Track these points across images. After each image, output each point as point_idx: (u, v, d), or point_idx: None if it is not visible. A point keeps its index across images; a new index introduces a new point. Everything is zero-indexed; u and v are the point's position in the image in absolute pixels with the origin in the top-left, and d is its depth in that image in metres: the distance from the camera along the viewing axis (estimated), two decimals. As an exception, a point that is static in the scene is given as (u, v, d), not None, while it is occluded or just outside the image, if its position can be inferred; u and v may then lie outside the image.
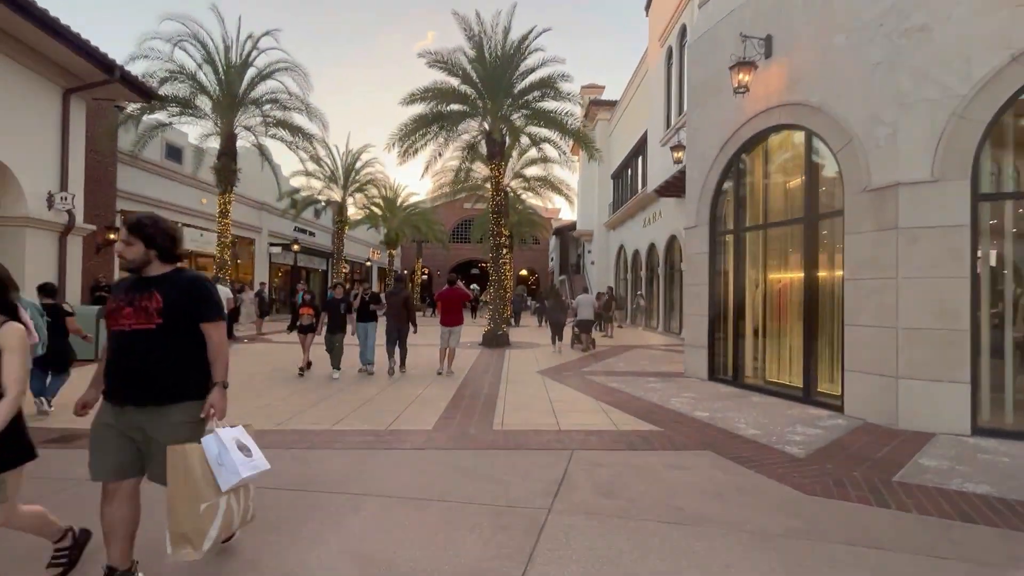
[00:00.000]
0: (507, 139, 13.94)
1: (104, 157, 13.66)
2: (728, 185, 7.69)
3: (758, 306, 7.35)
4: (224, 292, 11.03)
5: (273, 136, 14.63)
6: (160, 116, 13.09)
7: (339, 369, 8.18)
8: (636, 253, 22.89)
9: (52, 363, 5.40)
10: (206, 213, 18.25)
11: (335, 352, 8.26)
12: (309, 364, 8.53)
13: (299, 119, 14.13)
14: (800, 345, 6.52)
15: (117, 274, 14.42)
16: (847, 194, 5.62)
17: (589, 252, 31.63)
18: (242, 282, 20.50)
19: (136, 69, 11.44)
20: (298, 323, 8.69)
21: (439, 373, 8.37)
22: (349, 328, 8.54)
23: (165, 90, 11.98)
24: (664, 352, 11.92)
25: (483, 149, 18.18)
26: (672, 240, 17.92)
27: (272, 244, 23.03)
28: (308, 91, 14.06)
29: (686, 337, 8.51)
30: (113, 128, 12.14)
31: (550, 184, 21.79)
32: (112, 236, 13.74)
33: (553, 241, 42.41)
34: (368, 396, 6.61)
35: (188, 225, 17.40)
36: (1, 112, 7.81)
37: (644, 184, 20.82)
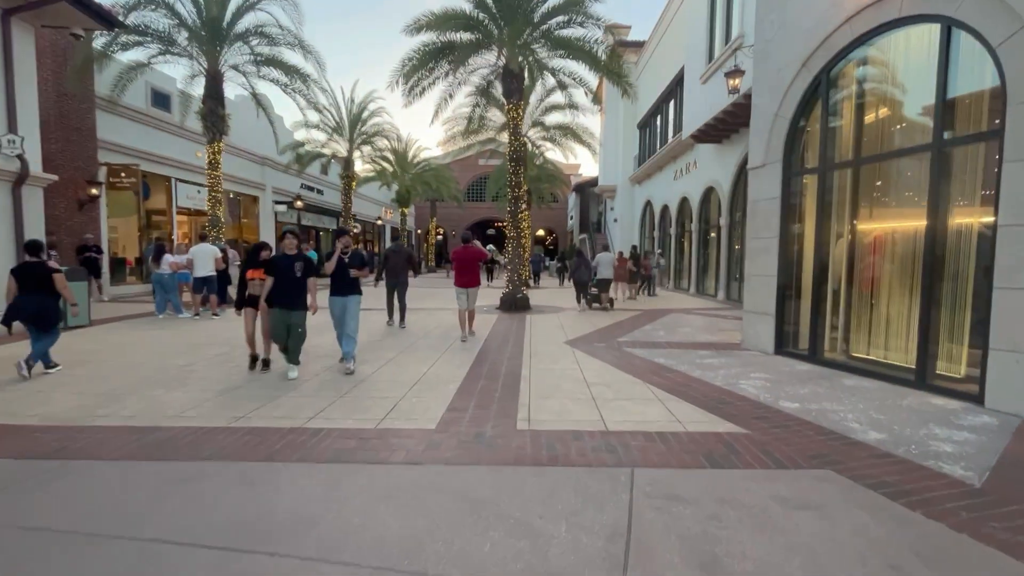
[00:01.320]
0: (526, 75, 12.17)
1: (81, 103, 12.35)
2: (812, 111, 6.05)
3: (846, 264, 5.85)
4: (211, 250, 9.85)
5: (265, 78, 13.07)
6: (137, 55, 11.65)
7: (297, 364, 5.43)
8: (665, 209, 21.12)
9: (37, 322, 5.19)
10: (202, 168, 16.97)
11: (292, 338, 5.35)
12: (263, 361, 5.70)
13: (293, 57, 12.51)
14: (907, 313, 5.08)
15: (105, 233, 13.39)
16: (1010, 106, 4.02)
17: (612, 209, 29.80)
18: (234, 240, 19.43)
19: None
20: (246, 293, 5.71)
21: (463, 340, 7.60)
22: (311, 301, 5.50)
23: (134, 19, 10.46)
24: (705, 317, 10.51)
25: (497, 92, 16.52)
26: (709, 193, 16.15)
27: (277, 202, 21.79)
28: (301, 23, 12.37)
29: (747, 302, 7.08)
30: (82, 66, 10.73)
31: (572, 133, 19.89)
32: (94, 191, 12.60)
33: (573, 198, 40.44)
34: (362, 375, 5.41)
35: (183, 181, 16.20)
36: (-81, 33, 6.48)
37: (677, 130, 18.84)
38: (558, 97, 19.01)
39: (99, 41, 10.61)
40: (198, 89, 12.56)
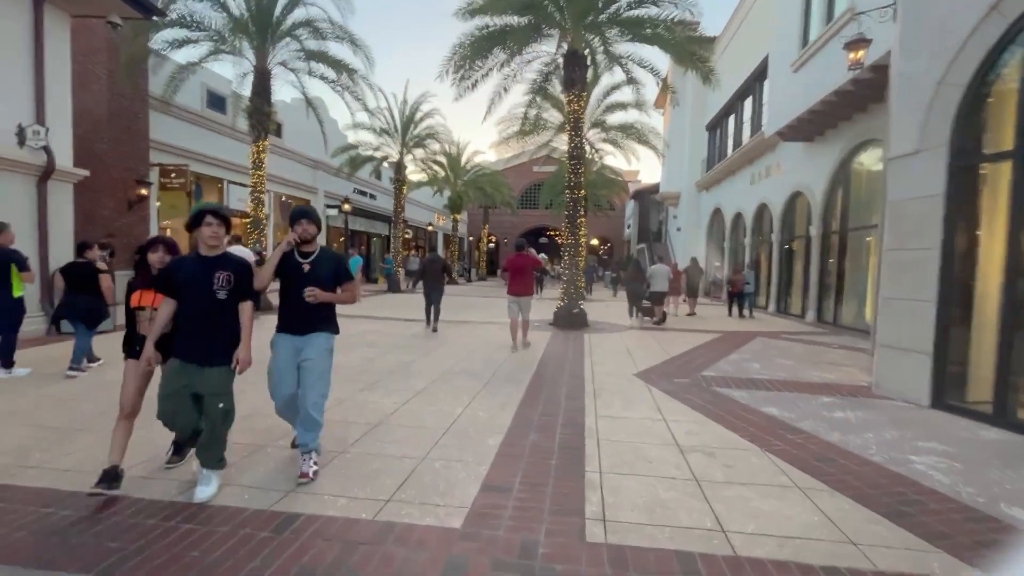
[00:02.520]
0: (589, 63, 10.85)
1: (133, 102, 12.22)
2: (1002, 73, 4.36)
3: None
4: (245, 253, 9.14)
5: (313, 74, 12.51)
6: (190, 53, 11.36)
7: (219, 469, 2.82)
8: (738, 217, 19.06)
9: (87, 320, 5.31)
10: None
11: (209, 420, 2.77)
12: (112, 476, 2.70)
13: (341, 52, 11.87)
14: None
15: (154, 233, 13.23)
16: None
17: (674, 217, 27.77)
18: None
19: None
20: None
21: (513, 350, 7.34)
22: (240, 349, 2.84)
23: (179, 10, 10.06)
24: (801, 345, 8.70)
25: (555, 88, 15.30)
26: (794, 198, 14.12)
27: (329, 206, 21.54)
28: (349, 14, 11.71)
29: (883, 333, 5.37)
30: (129, 61, 10.47)
31: (636, 133, 18.32)
32: (143, 191, 12.42)
33: (631, 206, 38.49)
34: (379, 414, 4.24)
35: (235, 183, 16.03)
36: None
37: (755, 130, 16.88)
38: (620, 96, 17.62)
39: (149, 38, 10.31)
40: (248, 89, 12.15)
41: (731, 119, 20.46)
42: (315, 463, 2.99)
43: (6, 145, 6.78)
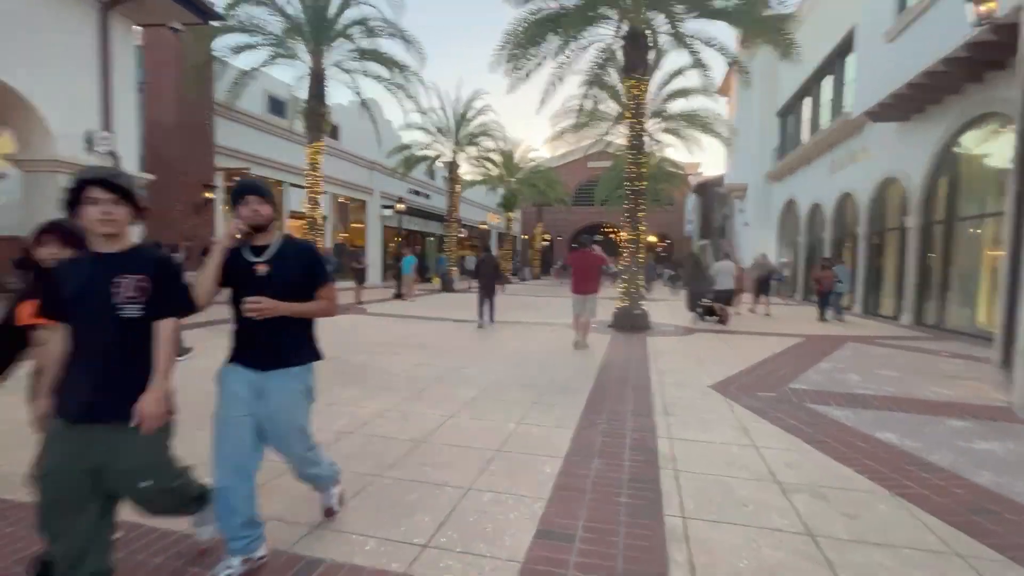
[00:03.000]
0: (650, 44, 10.06)
1: (200, 109, 12.70)
2: None
3: None
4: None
5: (368, 74, 12.49)
6: (250, 59, 11.63)
7: (199, 507, 2.09)
8: (815, 209, 17.45)
9: None
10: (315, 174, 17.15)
11: (144, 495, 1.81)
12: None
13: (394, 49, 11.74)
14: None
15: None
16: None
17: (741, 211, 26.04)
18: (341, 245, 19.46)
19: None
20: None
21: (576, 346, 7.37)
22: (151, 392, 1.75)
23: (238, 15, 10.24)
24: (903, 352, 7.55)
25: (612, 77, 14.54)
26: (886, 185, 12.60)
27: (384, 206, 21.79)
28: (400, 11, 11.55)
29: (1031, 343, 4.37)
30: (194, 68, 10.81)
31: (700, 122, 17.14)
32: (208, 195, 12.89)
33: (692, 200, 36.70)
34: (420, 431, 3.82)
35: (294, 185, 16.43)
36: (19, 30, 6.26)
37: (837, 112, 15.31)
38: (683, 82, 16.54)
39: (210, 46, 10.59)
40: (305, 92, 12.30)
41: (807, 102, 18.78)
42: (338, 494, 2.55)
43: (74, 150, 7.00)
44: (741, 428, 3.95)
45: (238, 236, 2.02)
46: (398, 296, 15.56)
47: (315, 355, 2.26)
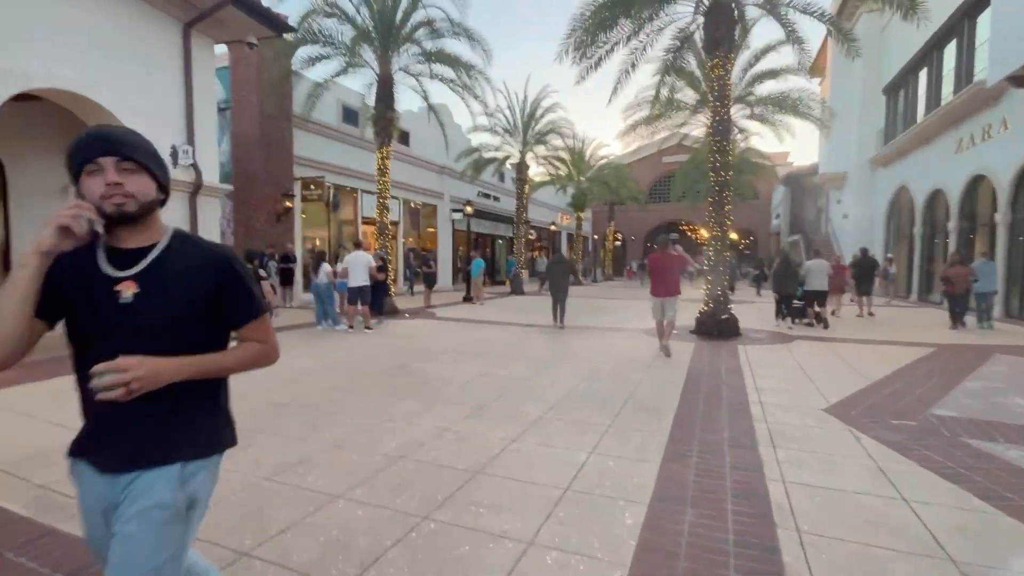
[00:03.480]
0: (736, 17, 9.01)
1: (279, 122, 13.25)
2: None
3: None
4: (364, 259, 9.10)
5: (434, 76, 12.40)
6: (322, 70, 11.95)
7: None
8: (936, 195, 15.14)
9: None
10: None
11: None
12: None
13: (459, 49, 11.53)
14: None
15: (300, 243, 14.28)
16: None
17: (839, 203, 23.48)
18: (413, 248, 19.68)
19: (290, 9, 10.18)
20: None
21: (662, 350, 6.87)
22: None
23: (310, 23, 10.46)
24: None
25: (689, 63, 13.49)
26: (1035, 164, 10.52)
27: (454, 210, 21.89)
28: (465, 10, 11.31)
29: None
30: (273, 83, 11.24)
31: (792, 106, 15.47)
32: (288, 204, 13.41)
33: (780, 193, 33.79)
34: (477, 459, 3.35)
35: (367, 192, 16.81)
36: (107, 50, 6.63)
37: (963, 82, 13.16)
38: (772, 61, 15.03)
39: (289, 60, 10.94)
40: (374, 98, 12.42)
41: (923, 74, 16.42)
42: None
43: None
44: (877, 470, 3.10)
45: (81, 231, 1.05)
46: (467, 299, 15.40)
47: (216, 442, 1.28)
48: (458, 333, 9.04)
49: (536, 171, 26.79)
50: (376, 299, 9.79)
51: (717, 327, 8.58)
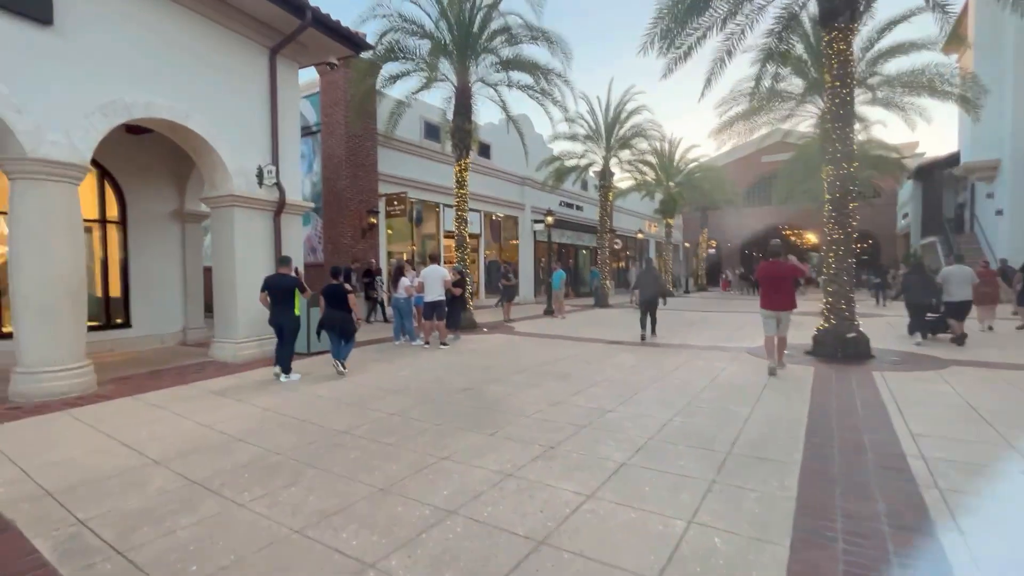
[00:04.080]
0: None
1: (365, 141, 13.67)
2: None
3: None
4: (440, 273, 8.86)
5: (512, 84, 12.09)
6: (404, 87, 12.13)
7: None
8: None
9: (341, 332, 6.54)
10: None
11: None
12: None
13: (537, 53, 11.14)
14: None
15: (384, 258, 14.57)
16: None
17: (988, 197, 19.82)
18: (495, 261, 19.48)
19: (369, 30, 10.41)
20: None
21: (771, 372, 6.19)
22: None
23: (388, 39, 10.57)
24: None
25: (795, 47, 12.02)
26: None
27: (535, 221, 21.49)
28: (541, 11, 10.88)
29: None
30: (358, 104, 11.56)
31: (925, 84, 13.19)
32: (373, 220, 13.73)
33: (909, 188, 29.50)
34: (551, 516, 2.71)
35: (449, 206, 16.91)
36: (199, 78, 6.99)
37: None
38: (898, 35, 12.95)
39: (371, 79, 11.20)
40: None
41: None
42: None
43: (247, 185, 7.60)
44: None
45: None
46: (548, 313, 14.81)
47: None
48: (535, 350, 8.45)
49: (621, 177, 25.73)
50: (453, 314, 9.53)
51: (842, 347, 7.20)
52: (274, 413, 4.84)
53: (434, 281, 8.74)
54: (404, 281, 9.02)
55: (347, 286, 6.52)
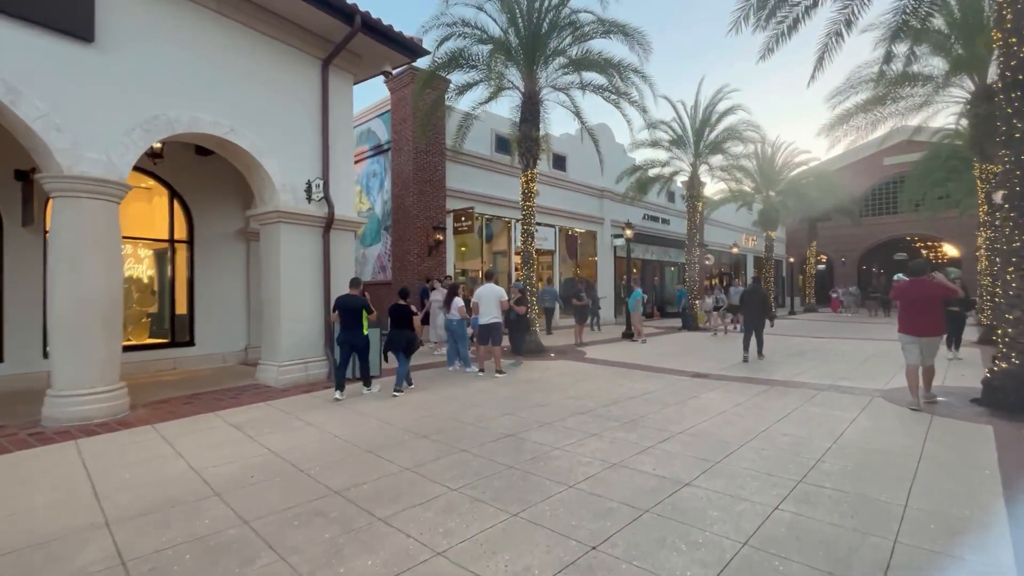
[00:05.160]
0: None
1: (431, 156, 13.34)
2: None
3: None
4: (495, 292, 7.96)
5: (584, 87, 11.08)
6: (471, 99, 11.62)
7: None
8: None
9: (406, 351, 6.66)
10: (540, 207, 16.65)
11: None
12: None
13: (609, 49, 10.06)
14: None
15: (453, 277, 14.04)
16: None
17: None
18: (571, 279, 18.31)
19: (432, 39, 9.97)
20: None
21: (914, 408, 5.30)
22: None
23: (451, 47, 10.06)
24: None
25: (934, 18, 9.91)
26: None
27: (615, 236, 20.07)
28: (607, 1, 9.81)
29: None
30: (423, 115, 11.20)
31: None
32: (439, 237, 13.27)
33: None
34: None
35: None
36: (247, 92, 6.79)
37: None
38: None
39: (437, 92, 10.80)
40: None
41: None
42: None
43: (295, 200, 7.27)
44: None
45: None
46: (627, 336, 13.36)
47: None
48: (603, 383, 7.21)
49: (714, 191, 23.50)
50: (515, 338, 8.57)
51: (1020, 394, 5.19)
52: (275, 457, 4.14)
53: (489, 301, 7.86)
54: (457, 301, 8.24)
55: (412, 307, 6.82)
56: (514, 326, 8.46)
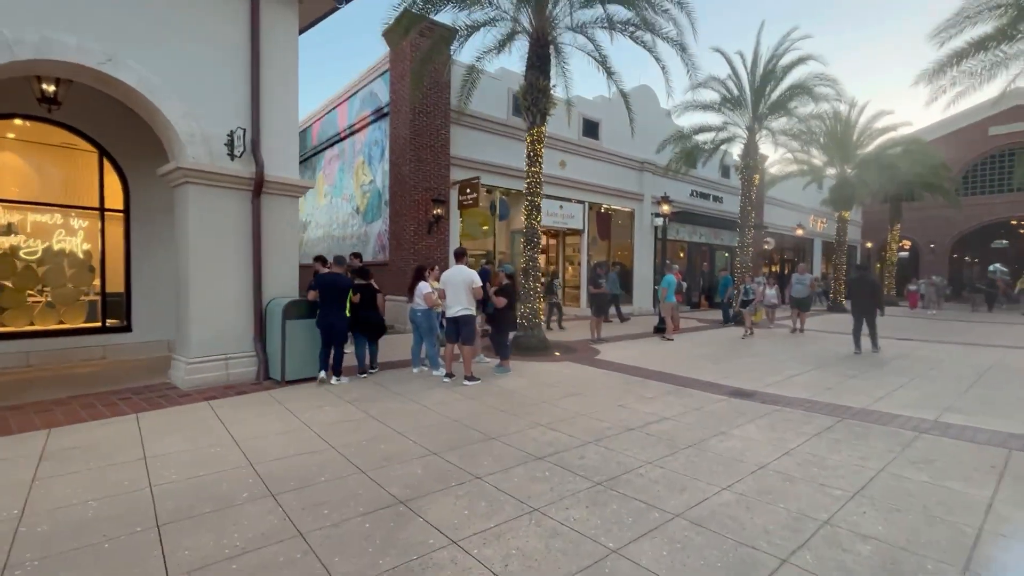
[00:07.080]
0: None
1: (433, 118, 11.57)
2: None
3: None
4: (465, 277, 6.17)
5: (609, 23, 8.89)
6: (473, 46, 9.69)
7: None
8: None
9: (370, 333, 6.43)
10: (566, 179, 14.59)
11: None
12: None
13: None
14: None
15: (451, 259, 12.34)
16: None
17: None
18: (602, 262, 16.18)
19: None
20: None
21: None
22: None
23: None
24: None
25: None
26: None
27: (656, 215, 17.63)
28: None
29: None
30: (418, 67, 9.48)
31: None
32: (438, 211, 11.55)
33: None
34: None
35: (547, 196, 14.13)
36: (134, 8, 5.28)
37: None
38: None
39: (426, 41, 8.99)
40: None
41: None
42: None
43: (208, 156, 5.75)
44: None
45: None
46: (659, 331, 11.23)
47: None
48: (601, 400, 5.31)
49: (775, 159, 20.33)
50: (497, 336, 6.77)
51: None
52: (41, 515, 2.61)
53: (457, 288, 6.08)
54: (422, 287, 6.51)
55: (375, 283, 6.48)
56: (497, 323, 6.66)
